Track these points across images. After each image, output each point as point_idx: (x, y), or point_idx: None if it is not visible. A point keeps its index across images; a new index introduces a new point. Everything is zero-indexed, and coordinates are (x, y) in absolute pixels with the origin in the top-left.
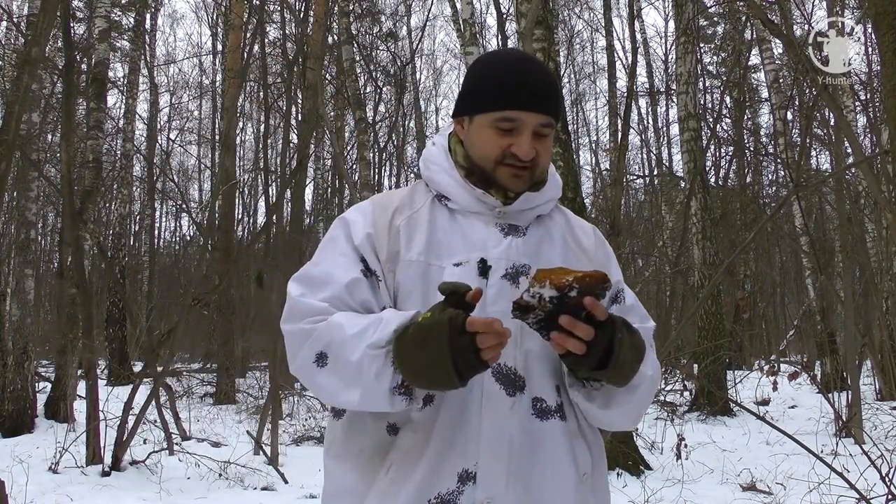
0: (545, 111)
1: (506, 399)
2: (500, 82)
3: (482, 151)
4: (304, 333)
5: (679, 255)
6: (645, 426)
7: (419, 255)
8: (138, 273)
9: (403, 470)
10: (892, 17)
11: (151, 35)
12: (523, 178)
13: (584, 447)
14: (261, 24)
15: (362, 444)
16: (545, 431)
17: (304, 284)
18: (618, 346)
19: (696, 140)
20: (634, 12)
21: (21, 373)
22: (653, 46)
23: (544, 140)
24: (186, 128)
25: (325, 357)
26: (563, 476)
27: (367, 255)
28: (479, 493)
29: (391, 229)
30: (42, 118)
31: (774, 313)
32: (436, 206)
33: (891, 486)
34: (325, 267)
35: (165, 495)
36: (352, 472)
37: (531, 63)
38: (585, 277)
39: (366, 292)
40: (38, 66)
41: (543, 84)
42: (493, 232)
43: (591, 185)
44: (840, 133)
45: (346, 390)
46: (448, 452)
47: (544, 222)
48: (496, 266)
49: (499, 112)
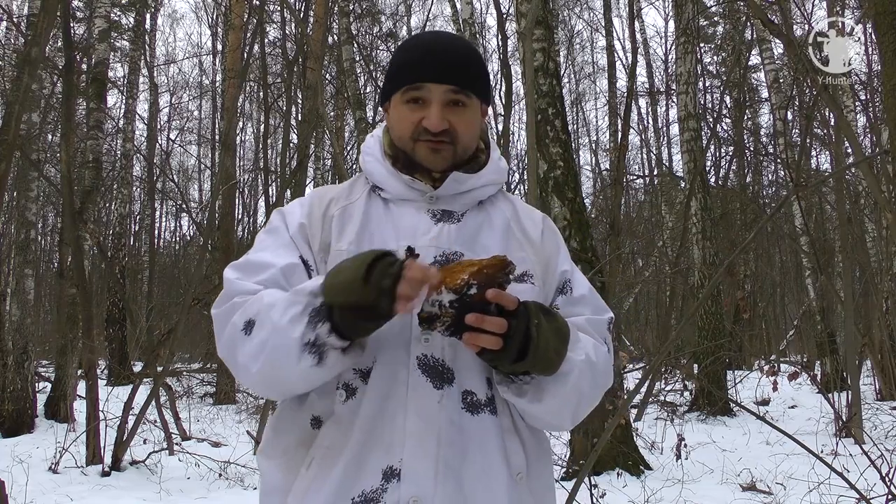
0: (452, 81)
1: (433, 392)
2: (408, 59)
3: (398, 131)
4: (233, 307)
5: (679, 255)
6: (645, 426)
7: (349, 244)
8: (138, 273)
9: (324, 466)
10: (892, 17)
11: (151, 35)
12: (441, 152)
13: (517, 445)
14: (261, 24)
15: (288, 441)
16: (475, 426)
17: (240, 270)
18: (535, 331)
19: (696, 140)
20: (634, 12)
21: (21, 373)
22: (653, 46)
23: (460, 111)
24: (186, 128)
25: (252, 325)
26: (495, 473)
27: (301, 245)
28: (404, 491)
29: (325, 220)
30: (42, 118)
31: (774, 313)
32: (371, 197)
33: (891, 486)
34: (262, 255)
35: (165, 495)
36: (277, 469)
37: (441, 37)
38: (483, 269)
39: (302, 277)
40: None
41: (451, 55)
42: (424, 219)
43: (591, 185)
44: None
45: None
46: (371, 448)
47: (485, 209)
48: (424, 254)
49: (406, 87)
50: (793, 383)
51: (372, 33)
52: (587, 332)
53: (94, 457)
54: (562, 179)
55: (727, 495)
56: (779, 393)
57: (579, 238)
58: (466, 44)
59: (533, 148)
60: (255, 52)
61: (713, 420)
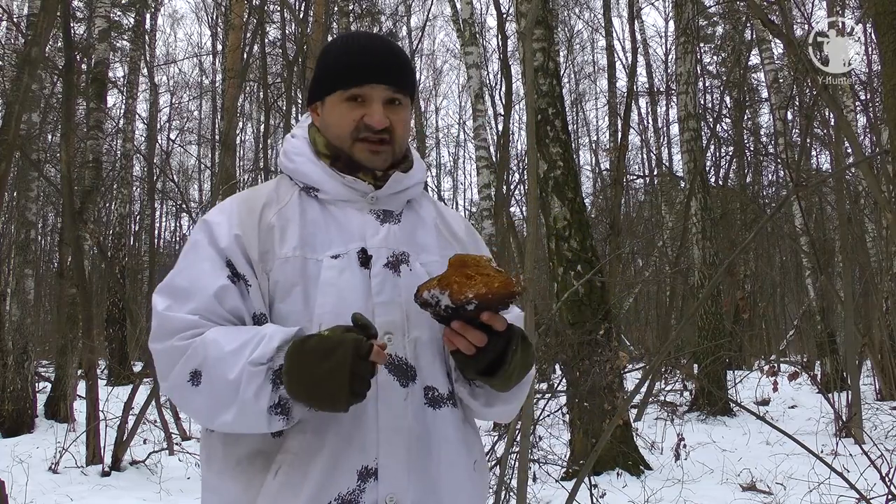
0: (392, 83)
1: (399, 390)
2: (347, 61)
3: (337, 129)
4: (175, 351)
5: (679, 255)
6: (645, 426)
7: (294, 249)
8: (138, 273)
9: (296, 472)
10: (892, 17)
11: (151, 35)
12: (382, 153)
13: (474, 435)
14: (261, 24)
15: (241, 451)
16: (438, 420)
17: (168, 296)
18: (510, 357)
19: (696, 140)
20: (634, 12)
21: (21, 373)
22: (653, 46)
23: (398, 110)
24: (186, 128)
25: (200, 375)
26: (459, 463)
27: (236, 258)
28: (382, 490)
29: (261, 227)
30: (42, 118)
31: (774, 313)
32: (304, 199)
33: (891, 486)
34: (188, 275)
35: (165, 495)
36: (234, 481)
37: (376, 38)
38: (489, 295)
39: (235, 299)
40: (38, 66)
41: (389, 56)
42: (369, 219)
43: (591, 185)
44: (840, 133)
45: (220, 411)
46: (346, 450)
47: (414, 207)
48: (377, 255)
49: (348, 87)
50: (793, 383)
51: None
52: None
53: (94, 457)
54: (562, 179)
55: (727, 495)
56: (779, 393)
57: (579, 238)
58: (398, 47)
59: (533, 148)
60: (255, 52)
61: (713, 420)
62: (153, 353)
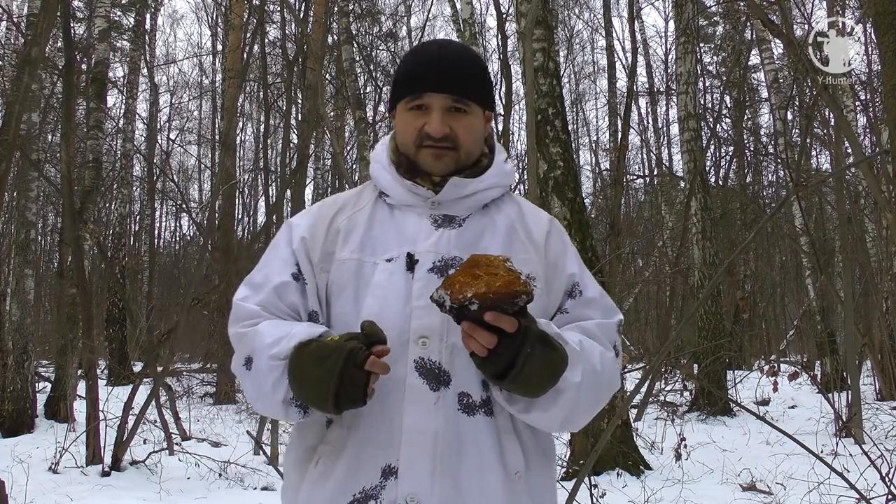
0: (451, 90)
1: (429, 394)
2: (411, 69)
3: (402, 137)
4: (238, 337)
5: (679, 255)
6: (645, 426)
7: (352, 253)
8: (138, 273)
9: (329, 463)
10: (892, 17)
11: (151, 35)
12: (444, 158)
13: (515, 445)
14: (261, 24)
15: (308, 440)
16: (471, 427)
17: (248, 287)
18: (522, 360)
19: (696, 140)
20: (634, 12)
21: (21, 373)
22: (653, 46)
23: (461, 118)
24: (186, 128)
25: (251, 362)
26: (491, 473)
27: (301, 258)
28: (401, 489)
29: (329, 231)
30: (42, 118)
31: (774, 313)
32: (378, 204)
33: (891, 486)
34: (264, 271)
35: (165, 495)
36: (294, 471)
37: (443, 47)
38: (489, 294)
39: (294, 295)
40: (38, 66)
41: (450, 64)
42: (425, 224)
43: (591, 185)
44: (840, 133)
45: (256, 397)
46: (370, 446)
47: (490, 212)
48: (423, 259)
49: (410, 96)
50: (793, 383)
51: (372, 33)
52: (596, 337)
53: (94, 457)
54: (562, 179)
55: (727, 495)
56: (779, 393)
57: (579, 238)
58: (467, 53)
59: (533, 148)
60: (255, 52)
61: (713, 420)
62: (230, 335)
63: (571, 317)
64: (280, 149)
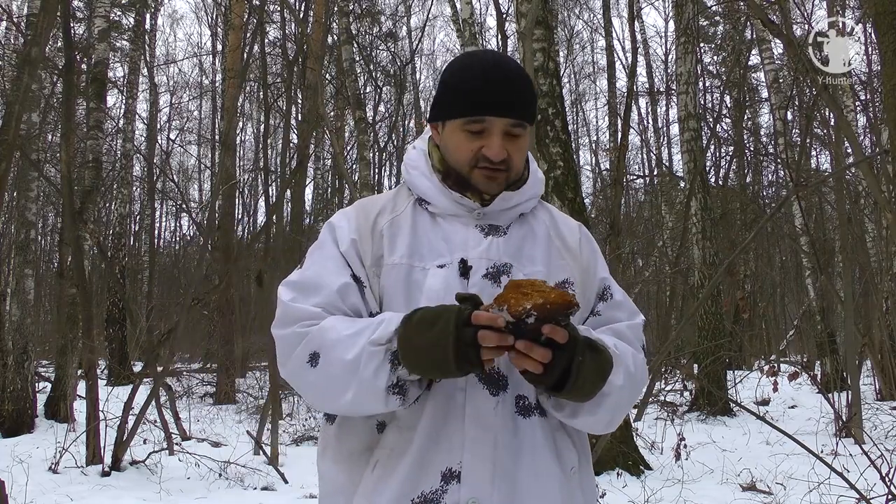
0: (513, 114)
1: (489, 399)
2: (468, 88)
3: (456, 155)
4: (297, 336)
5: (679, 255)
6: (645, 426)
7: (402, 257)
8: (138, 273)
9: (388, 467)
10: (892, 17)
11: (151, 35)
12: (497, 179)
13: (567, 442)
14: (261, 24)
15: (353, 445)
16: (527, 428)
17: (294, 289)
18: (576, 369)
19: (696, 140)
20: (634, 12)
21: (21, 373)
22: (653, 46)
23: (516, 141)
24: (186, 128)
25: (318, 357)
26: (548, 472)
27: (353, 261)
28: (464, 493)
29: (374, 233)
30: (42, 118)
31: (774, 313)
32: (417, 210)
33: (891, 486)
34: (315, 271)
35: (165, 495)
36: (342, 472)
37: (501, 66)
38: (546, 305)
39: (355, 297)
40: (38, 66)
41: (511, 87)
42: (474, 233)
43: (591, 185)
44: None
45: (338, 390)
46: (432, 451)
47: (527, 220)
48: (476, 266)
49: (468, 117)
50: (793, 383)
51: (372, 33)
52: (627, 338)
53: (94, 457)
54: (562, 179)
55: (727, 495)
56: (779, 393)
57: None
58: (521, 72)
59: (533, 148)
60: (255, 52)
61: (713, 420)
62: (276, 338)
63: (603, 319)
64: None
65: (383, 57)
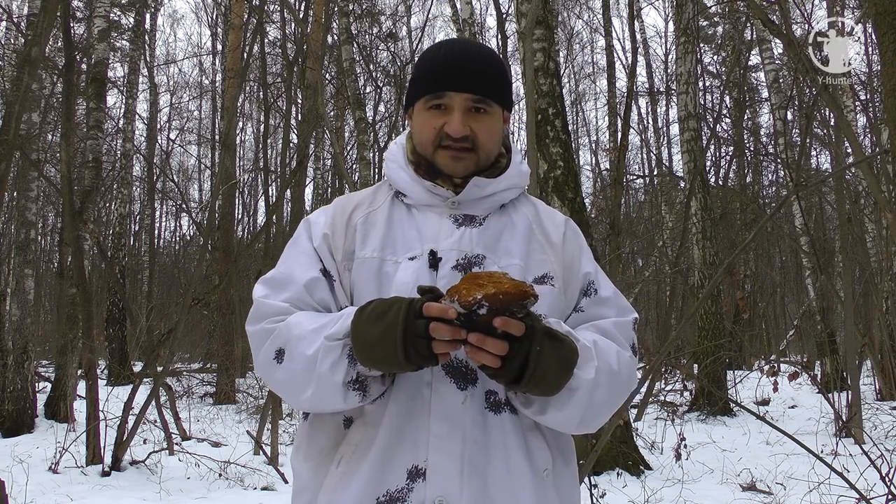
0: (472, 90)
1: (457, 393)
2: (430, 67)
3: (420, 136)
4: (264, 333)
5: (679, 255)
6: (645, 426)
7: (374, 251)
8: (138, 273)
9: (353, 463)
10: (892, 17)
11: (151, 35)
12: (463, 160)
13: (541, 442)
14: (261, 24)
15: (322, 441)
16: (498, 425)
17: (268, 286)
18: (533, 359)
19: (696, 140)
20: (634, 12)
21: (21, 373)
22: (653, 46)
23: (482, 118)
24: (186, 128)
25: (283, 353)
26: (519, 471)
27: (324, 255)
28: (430, 491)
29: (348, 228)
30: (42, 118)
31: (774, 313)
32: (395, 203)
33: (891, 486)
34: (286, 267)
35: (165, 495)
36: (311, 469)
37: (465, 46)
38: (498, 295)
39: (324, 291)
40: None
41: (472, 63)
42: (446, 223)
43: (591, 185)
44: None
45: (300, 386)
46: (397, 447)
47: (507, 212)
48: (446, 257)
49: (429, 94)
50: (793, 383)
51: (372, 33)
52: (612, 335)
53: (94, 457)
54: (562, 179)
55: (727, 495)
56: (779, 393)
57: None
58: (488, 52)
59: (533, 148)
60: (255, 52)
61: (713, 420)
62: (248, 334)
63: (587, 315)
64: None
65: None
